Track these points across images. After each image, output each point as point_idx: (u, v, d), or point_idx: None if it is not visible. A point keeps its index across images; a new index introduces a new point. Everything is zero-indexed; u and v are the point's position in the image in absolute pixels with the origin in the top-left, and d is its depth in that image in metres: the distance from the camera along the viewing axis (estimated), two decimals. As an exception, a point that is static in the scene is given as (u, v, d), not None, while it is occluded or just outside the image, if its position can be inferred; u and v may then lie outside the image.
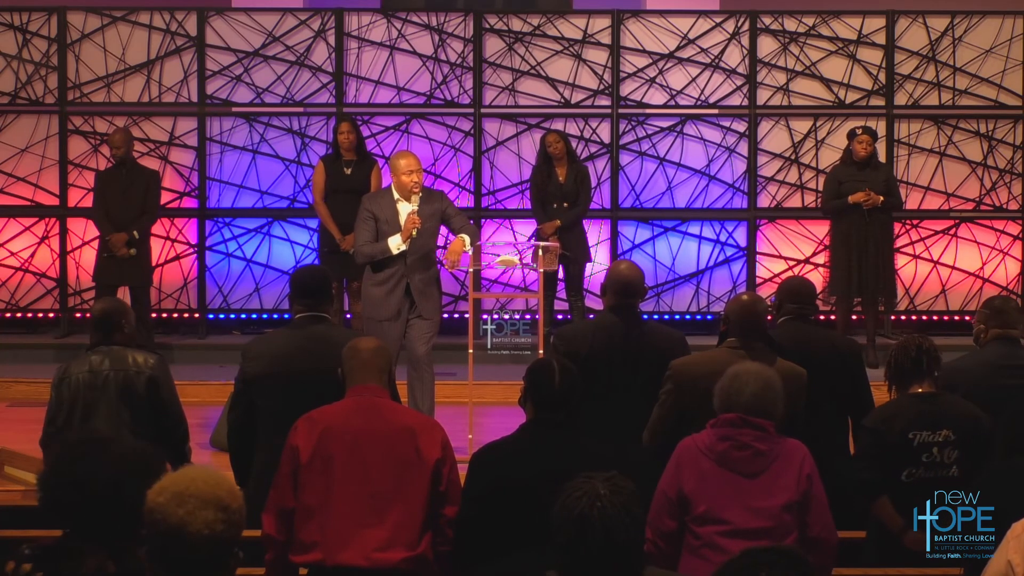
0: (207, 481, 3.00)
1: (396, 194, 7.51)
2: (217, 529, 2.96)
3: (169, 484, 3.00)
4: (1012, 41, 10.91)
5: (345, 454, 4.49)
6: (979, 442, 5.13)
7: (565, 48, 10.86)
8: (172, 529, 2.95)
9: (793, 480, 4.48)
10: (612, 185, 10.85)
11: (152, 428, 5.58)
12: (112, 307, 5.84)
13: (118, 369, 5.65)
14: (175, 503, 2.96)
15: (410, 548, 4.48)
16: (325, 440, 4.52)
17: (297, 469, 4.49)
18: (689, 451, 4.56)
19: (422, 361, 7.56)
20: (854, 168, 10.00)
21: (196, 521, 2.94)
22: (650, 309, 10.75)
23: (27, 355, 10.36)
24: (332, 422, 4.56)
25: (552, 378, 4.58)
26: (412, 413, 4.70)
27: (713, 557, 4.33)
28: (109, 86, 10.83)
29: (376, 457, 4.51)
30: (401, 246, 7.42)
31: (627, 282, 5.86)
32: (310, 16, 10.84)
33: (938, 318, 11.01)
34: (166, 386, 5.73)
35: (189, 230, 10.91)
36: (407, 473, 4.51)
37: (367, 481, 4.49)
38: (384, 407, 4.63)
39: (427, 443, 4.55)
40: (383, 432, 4.55)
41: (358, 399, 4.63)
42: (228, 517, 2.97)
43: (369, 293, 7.58)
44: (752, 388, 4.54)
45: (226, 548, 2.99)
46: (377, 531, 4.47)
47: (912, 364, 5.25)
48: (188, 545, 2.94)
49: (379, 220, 7.46)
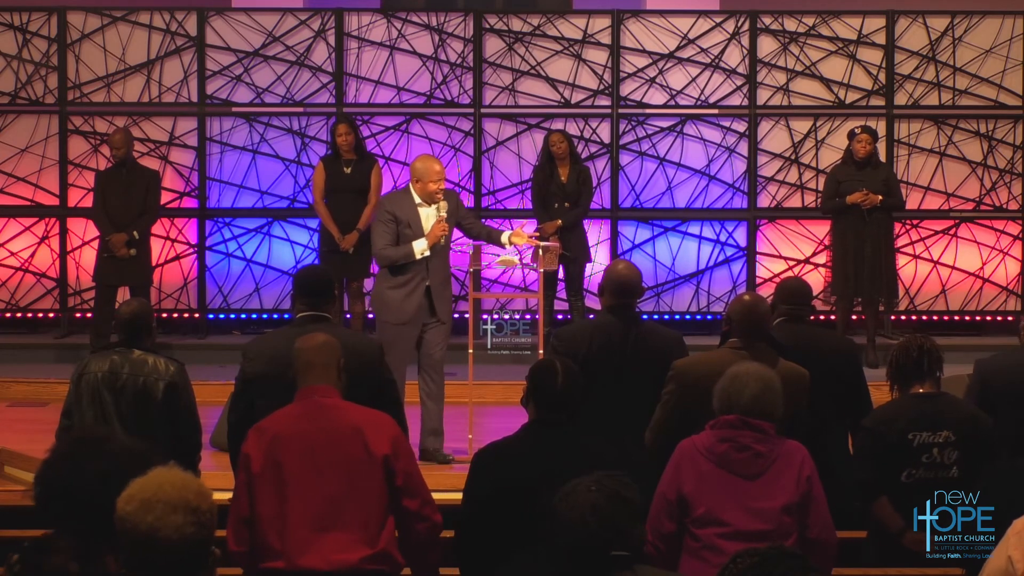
0: (174, 484, 2.98)
1: (417, 197, 7.46)
2: (188, 532, 2.94)
3: (136, 491, 2.98)
4: (1012, 41, 10.91)
5: (296, 460, 4.48)
6: (979, 443, 5.13)
7: (565, 48, 10.86)
8: (143, 536, 2.94)
9: (793, 482, 4.48)
10: (612, 185, 10.85)
11: (167, 434, 5.59)
12: (141, 310, 5.86)
13: (137, 373, 5.65)
14: (143, 510, 2.95)
15: (370, 546, 4.48)
16: (275, 448, 4.51)
17: (251, 479, 4.50)
18: (688, 453, 4.56)
19: (439, 365, 7.56)
20: (854, 168, 10.00)
21: (166, 527, 2.93)
22: (650, 309, 10.75)
23: (27, 355, 10.36)
24: (280, 429, 4.55)
25: (555, 379, 4.59)
26: (360, 411, 4.64)
27: (713, 559, 4.33)
28: (109, 86, 10.83)
29: (327, 459, 4.50)
30: (426, 251, 7.38)
31: (625, 282, 5.85)
32: (310, 16, 10.84)
33: (938, 318, 11.01)
34: (184, 394, 5.73)
35: (189, 230, 10.90)
36: (359, 472, 4.50)
37: (321, 484, 4.48)
38: (331, 407, 4.61)
39: (375, 440, 4.53)
40: (331, 433, 4.53)
41: (305, 402, 4.62)
42: (198, 519, 2.96)
43: (386, 296, 7.48)
44: (752, 389, 4.53)
45: (201, 548, 2.98)
46: (335, 534, 4.47)
47: (913, 364, 5.25)
48: (161, 551, 2.93)
49: (400, 223, 7.41)
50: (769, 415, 4.53)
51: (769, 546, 3.02)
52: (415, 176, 7.48)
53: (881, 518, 5.17)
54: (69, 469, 3.22)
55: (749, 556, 2.95)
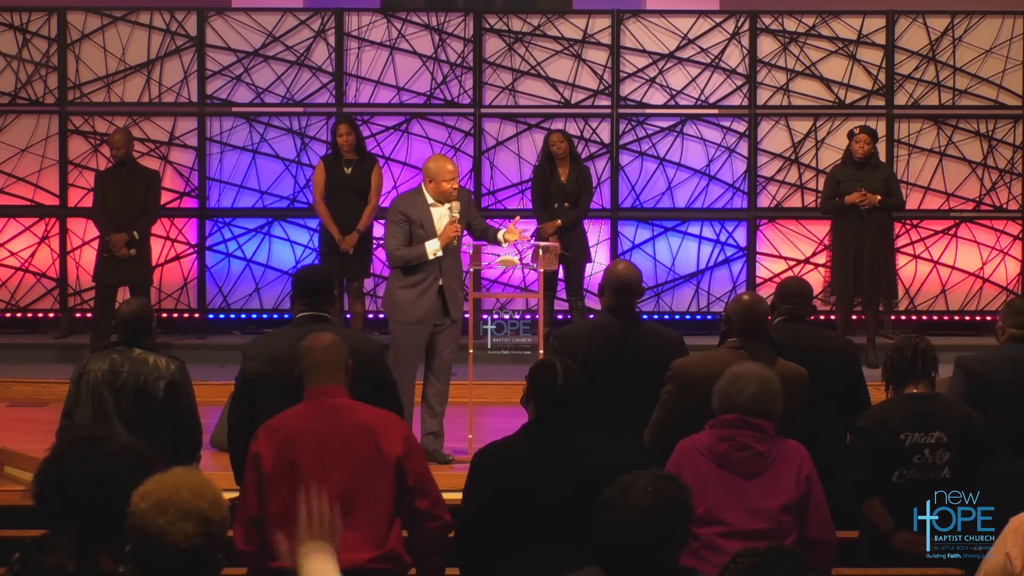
0: (191, 491, 2.97)
1: (429, 197, 7.44)
2: (196, 543, 2.93)
3: (153, 490, 2.97)
4: (1012, 41, 10.91)
5: (308, 460, 4.47)
6: (971, 444, 5.12)
7: (565, 48, 10.86)
8: (152, 538, 2.92)
9: (792, 481, 4.48)
10: (612, 185, 10.85)
11: (167, 433, 5.59)
12: (142, 310, 5.86)
13: (138, 372, 5.66)
14: (156, 511, 2.93)
15: (378, 547, 4.48)
16: (287, 448, 4.50)
17: (261, 479, 4.49)
18: (688, 452, 4.56)
19: (447, 366, 7.55)
20: (854, 168, 10.00)
21: (175, 532, 2.92)
22: (650, 309, 10.75)
23: (27, 355, 10.36)
24: (292, 429, 4.55)
25: (555, 378, 4.58)
26: (371, 411, 4.65)
27: (712, 558, 4.33)
28: (109, 86, 10.83)
29: (338, 460, 4.49)
30: (439, 251, 7.36)
31: (625, 282, 5.85)
32: (310, 16, 10.84)
33: (938, 318, 11.00)
34: (184, 393, 5.74)
35: (189, 230, 10.90)
36: (370, 472, 4.51)
37: (331, 484, 4.44)
38: (342, 408, 4.61)
39: (388, 440, 4.53)
40: (343, 434, 4.53)
41: (315, 402, 4.61)
42: (209, 530, 2.95)
43: (398, 296, 7.46)
44: (751, 389, 4.54)
45: (207, 558, 2.97)
46: (344, 533, 4.45)
47: (908, 364, 5.24)
48: (167, 555, 2.92)
49: (412, 223, 7.40)
50: (769, 415, 4.53)
51: (769, 546, 3.02)
52: (428, 176, 7.45)
53: (872, 518, 5.17)
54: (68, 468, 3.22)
55: (749, 556, 2.95)
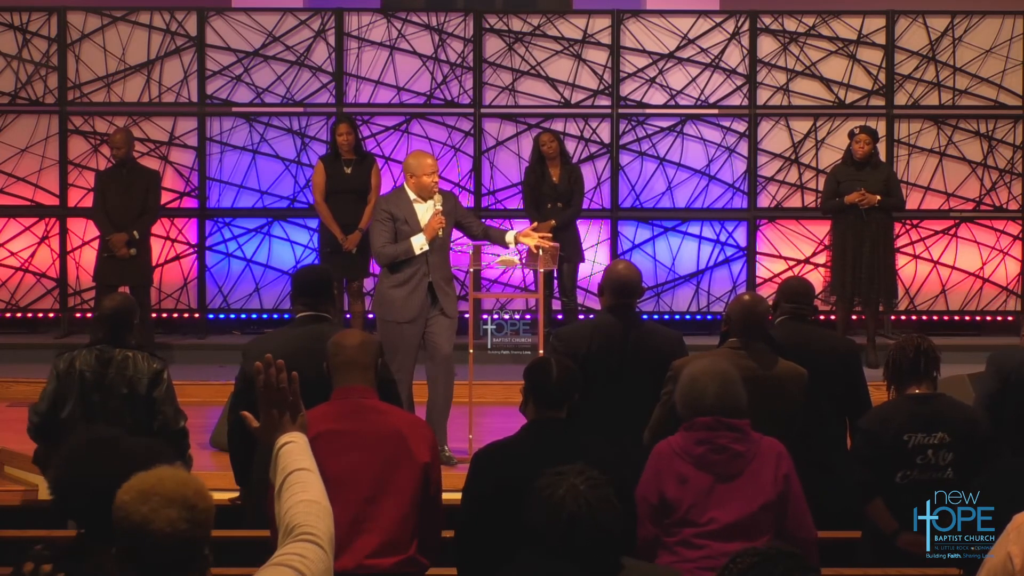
0: (174, 480, 2.95)
1: (412, 194, 7.45)
2: (180, 528, 2.90)
3: (136, 482, 2.95)
4: (1012, 41, 10.91)
5: (336, 460, 4.44)
6: (974, 445, 5.11)
7: (565, 48, 10.86)
8: (135, 527, 2.90)
9: (770, 480, 4.46)
10: (612, 185, 10.85)
11: (151, 430, 5.59)
12: (123, 306, 5.83)
13: (122, 370, 5.65)
14: (139, 500, 2.91)
15: (402, 552, 4.48)
16: (315, 447, 4.50)
17: None
18: (665, 456, 4.54)
19: (448, 360, 7.48)
20: (854, 168, 9.99)
21: (159, 519, 2.89)
22: (650, 309, 10.75)
23: (27, 355, 10.34)
24: (321, 427, 4.51)
25: (549, 373, 4.57)
26: (400, 414, 4.65)
27: (686, 554, 4.35)
28: (109, 86, 10.83)
29: (366, 462, 4.48)
30: (424, 246, 7.36)
31: (625, 282, 5.85)
32: (310, 16, 10.84)
33: (938, 318, 11.01)
34: (167, 392, 5.74)
35: (189, 230, 10.90)
36: (397, 477, 4.49)
37: (359, 486, 4.46)
38: (371, 409, 4.59)
39: (417, 446, 4.53)
40: (372, 436, 4.52)
41: (344, 402, 4.59)
42: (193, 516, 2.92)
43: (388, 295, 7.43)
44: (713, 388, 4.52)
45: (192, 548, 2.94)
46: (370, 536, 4.45)
47: (909, 364, 5.23)
48: (151, 544, 2.90)
49: (397, 220, 7.39)
50: (739, 410, 4.51)
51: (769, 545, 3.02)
52: (408, 172, 7.49)
53: (875, 519, 5.16)
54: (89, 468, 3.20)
55: (749, 556, 2.95)
